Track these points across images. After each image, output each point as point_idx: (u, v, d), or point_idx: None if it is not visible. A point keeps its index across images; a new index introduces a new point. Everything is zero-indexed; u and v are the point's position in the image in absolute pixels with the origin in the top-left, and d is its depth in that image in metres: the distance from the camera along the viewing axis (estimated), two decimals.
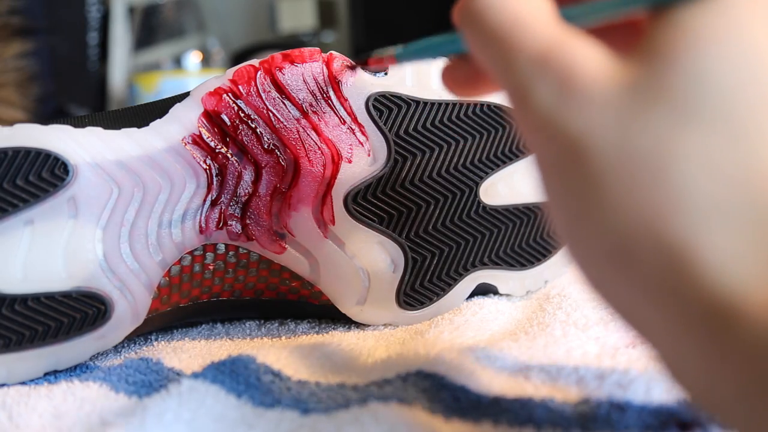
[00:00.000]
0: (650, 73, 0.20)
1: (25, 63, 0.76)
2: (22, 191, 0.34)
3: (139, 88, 0.79)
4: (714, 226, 0.19)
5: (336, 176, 0.38)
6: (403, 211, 0.39)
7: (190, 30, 0.84)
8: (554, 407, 0.27)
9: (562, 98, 0.21)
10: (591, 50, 0.21)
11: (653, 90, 0.20)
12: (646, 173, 0.19)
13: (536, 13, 0.22)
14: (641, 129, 0.20)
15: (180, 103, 0.37)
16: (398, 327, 0.40)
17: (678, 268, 0.19)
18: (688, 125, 0.19)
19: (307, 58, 0.38)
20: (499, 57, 0.22)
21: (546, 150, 0.21)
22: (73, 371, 0.36)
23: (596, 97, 0.20)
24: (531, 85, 0.21)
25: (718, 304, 0.18)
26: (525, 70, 0.22)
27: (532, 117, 0.21)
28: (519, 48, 0.22)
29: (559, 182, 0.21)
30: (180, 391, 0.30)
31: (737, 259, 0.18)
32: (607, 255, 0.20)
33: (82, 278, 0.35)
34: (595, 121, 0.20)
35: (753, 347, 0.18)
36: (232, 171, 0.37)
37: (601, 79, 0.20)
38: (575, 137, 0.20)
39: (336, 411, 0.29)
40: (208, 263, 0.38)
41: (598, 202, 0.20)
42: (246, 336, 0.39)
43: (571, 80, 0.21)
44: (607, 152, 0.20)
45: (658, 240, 0.19)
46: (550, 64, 0.21)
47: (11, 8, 0.75)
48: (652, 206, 0.19)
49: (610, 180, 0.20)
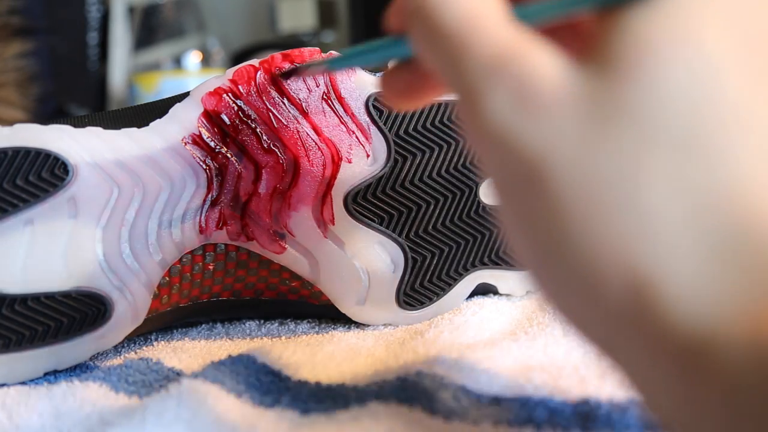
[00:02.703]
0: (608, 86, 0.19)
1: (25, 63, 0.76)
2: (22, 191, 0.34)
3: (139, 88, 0.79)
4: (679, 256, 0.17)
5: (336, 176, 0.38)
6: (403, 211, 0.39)
7: (190, 30, 0.84)
8: (554, 407, 0.27)
9: (519, 109, 0.19)
10: (548, 56, 0.20)
11: (612, 104, 0.18)
12: (609, 198, 0.18)
13: (490, 13, 0.20)
14: (602, 147, 0.18)
15: (180, 103, 0.37)
16: (398, 327, 0.40)
17: (645, 301, 0.18)
18: (651, 147, 0.18)
19: (307, 58, 0.38)
20: (450, 59, 0.21)
21: (501, 167, 0.20)
22: (73, 371, 0.36)
23: (555, 109, 0.19)
24: (485, 92, 0.20)
25: (689, 340, 0.17)
26: (478, 75, 0.20)
27: (486, 128, 0.20)
28: (472, 50, 0.20)
29: (516, 204, 0.20)
30: (180, 391, 0.30)
31: (705, 291, 0.17)
32: (571, 286, 0.19)
33: (82, 278, 0.35)
34: (555, 136, 0.19)
35: (730, 385, 0.17)
36: (232, 171, 0.37)
37: (560, 89, 0.19)
38: (533, 153, 0.19)
39: (336, 411, 0.29)
40: (208, 263, 0.38)
41: (558, 227, 0.19)
42: (246, 336, 0.39)
43: (529, 89, 0.19)
44: (567, 173, 0.18)
45: (624, 272, 0.18)
46: (506, 70, 0.19)
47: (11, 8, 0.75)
48: (615, 234, 0.18)
49: (571, 205, 0.18)
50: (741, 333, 0.17)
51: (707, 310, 0.17)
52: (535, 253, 0.20)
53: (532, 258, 0.20)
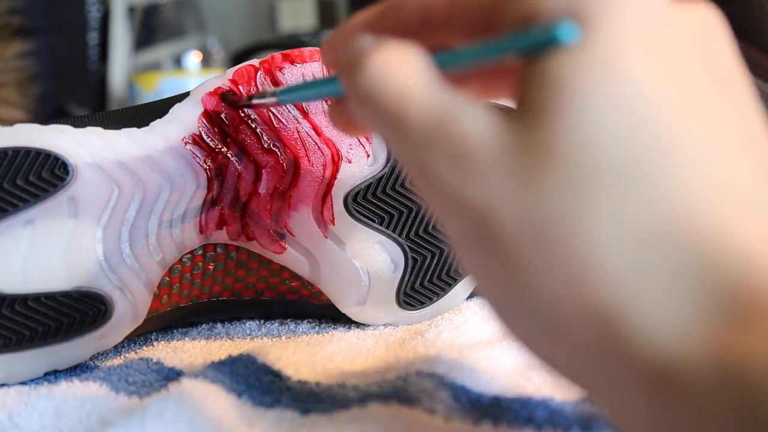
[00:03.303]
0: (537, 135, 0.19)
1: (25, 63, 0.76)
2: (22, 191, 0.34)
3: (139, 88, 0.79)
4: (635, 286, 0.18)
5: (336, 176, 0.38)
6: (403, 211, 0.39)
7: (190, 30, 0.84)
8: (554, 407, 0.27)
9: (458, 169, 0.20)
10: (479, 116, 0.20)
11: (543, 152, 0.19)
12: (555, 241, 0.18)
13: (421, 83, 0.21)
14: (540, 195, 0.19)
15: (180, 103, 0.37)
16: (398, 327, 0.40)
17: (608, 335, 0.18)
18: (586, 187, 0.18)
19: (307, 58, 0.38)
20: (392, 132, 0.21)
21: (453, 224, 0.21)
22: (73, 371, 0.36)
23: (490, 164, 0.19)
24: (426, 158, 0.20)
25: (655, 367, 0.17)
26: (418, 143, 0.21)
27: (433, 190, 0.21)
28: (410, 123, 0.21)
29: (473, 258, 0.21)
30: (180, 391, 0.30)
31: (664, 317, 0.17)
32: (535, 327, 0.19)
33: (82, 278, 0.35)
34: (494, 190, 0.19)
35: (698, 407, 0.17)
36: (232, 171, 0.37)
37: (492, 145, 0.20)
38: (477, 209, 0.20)
39: (336, 411, 0.29)
40: (208, 263, 0.38)
41: (514, 276, 0.19)
42: (246, 336, 0.39)
43: (464, 149, 0.20)
44: (512, 224, 0.19)
45: (583, 310, 0.18)
46: (442, 136, 0.20)
47: (11, 8, 0.75)
48: (568, 276, 0.18)
49: (520, 252, 0.19)
50: (706, 356, 0.17)
51: (671, 337, 0.17)
52: (497, 300, 0.21)
53: (495, 304, 0.21)
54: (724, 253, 0.18)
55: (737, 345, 0.17)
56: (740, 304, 0.17)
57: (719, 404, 0.16)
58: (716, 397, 0.16)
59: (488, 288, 0.21)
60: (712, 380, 0.17)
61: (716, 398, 0.17)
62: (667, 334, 0.17)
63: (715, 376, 0.17)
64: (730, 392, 0.16)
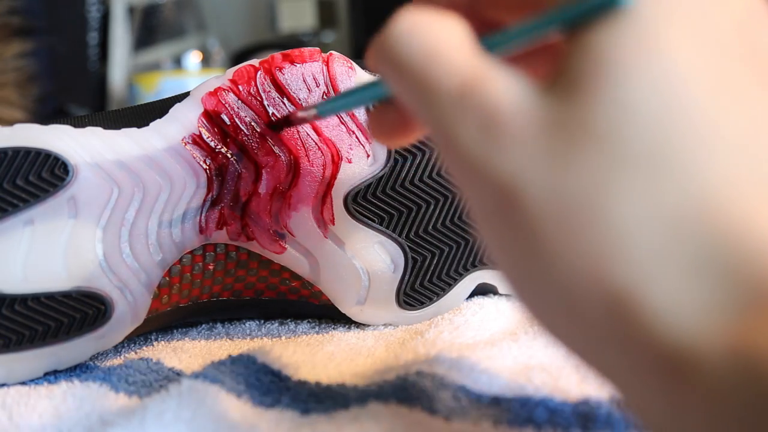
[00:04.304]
0: (572, 108, 0.19)
1: (25, 63, 0.76)
2: (22, 191, 0.34)
3: (139, 88, 0.79)
4: (655, 271, 0.18)
5: (336, 176, 0.38)
6: (403, 211, 0.39)
7: (190, 30, 0.84)
8: (554, 407, 0.27)
9: (487, 138, 0.19)
10: (512, 83, 0.20)
11: (577, 127, 0.19)
12: (581, 219, 0.18)
13: (453, 43, 0.20)
14: (571, 171, 0.18)
15: (180, 103, 0.37)
16: (398, 327, 0.40)
17: (626, 316, 0.18)
18: (618, 165, 0.18)
19: (307, 58, 0.38)
20: (418, 94, 0.21)
21: (477, 195, 0.20)
22: (73, 371, 0.36)
23: (521, 135, 0.19)
24: (453, 124, 0.20)
25: (670, 352, 0.17)
26: (446, 107, 0.20)
27: (459, 159, 0.20)
28: (437, 83, 0.20)
29: (495, 230, 0.20)
30: (180, 391, 0.30)
31: (684, 304, 0.17)
32: (553, 304, 0.19)
33: (82, 278, 0.35)
34: (523, 162, 0.19)
35: (713, 395, 0.17)
36: (232, 171, 0.37)
37: (524, 115, 0.19)
38: (504, 180, 0.19)
39: (336, 411, 0.29)
40: (208, 263, 0.38)
41: (536, 251, 0.19)
42: (246, 336, 0.39)
43: (494, 118, 0.19)
44: (539, 197, 0.19)
45: (602, 289, 0.18)
46: (471, 101, 0.20)
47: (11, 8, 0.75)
48: (591, 254, 0.18)
49: (545, 227, 0.19)
50: (722, 344, 0.17)
51: (688, 323, 0.17)
52: (517, 274, 0.20)
53: (514, 278, 0.20)
54: (749, 243, 0.17)
55: (754, 335, 0.17)
56: (760, 295, 0.17)
57: (733, 393, 0.16)
58: (730, 386, 0.16)
59: (508, 261, 0.20)
60: (727, 369, 0.17)
61: (730, 387, 0.17)
62: (684, 319, 0.17)
63: (730, 365, 0.17)
64: (744, 382, 0.16)
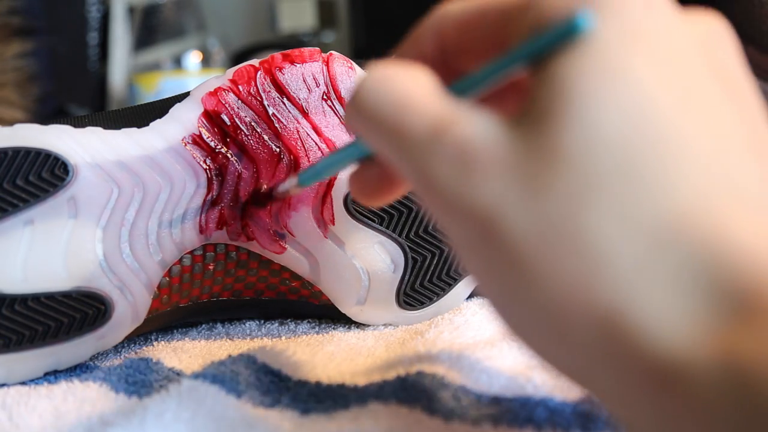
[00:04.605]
0: (542, 137, 0.19)
1: (25, 63, 0.76)
2: (22, 191, 0.34)
3: (139, 88, 0.79)
4: (639, 286, 0.18)
5: (336, 176, 0.38)
6: (403, 211, 0.39)
7: (190, 30, 0.84)
8: (554, 407, 0.27)
9: (461, 174, 0.20)
10: (482, 120, 0.20)
11: (549, 154, 0.19)
12: (560, 243, 0.19)
13: (421, 91, 0.21)
14: (547, 197, 0.19)
15: (180, 103, 0.37)
16: (398, 327, 0.40)
17: (612, 334, 0.18)
18: (592, 187, 0.18)
19: (307, 58, 0.38)
20: (392, 142, 0.21)
21: (458, 230, 0.21)
22: (73, 371, 0.36)
23: (495, 168, 0.19)
24: (428, 164, 0.20)
25: (660, 365, 0.17)
26: (419, 150, 0.21)
27: (437, 197, 0.21)
28: (408, 129, 0.21)
29: (478, 262, 0.21)
30: (180, 391, 0.30)
31: (669, 317, 0.17)
32: (540, 327, 0.20)
33: (82, 278, 0.35)
34: (499, 193, 0.19)
35: (703, 407, 0.17)
36: (232, 171, 0.37)
37: (496, 148, 0.20)
38: (483, 213, 0.20)
39: (336, 411, 0.29)
40: (208, 263, 0.38)
41: (518, 277, 0.19)
42: (246, 336, 0.39)
43: (467, 153, 0.20)
44: (517, 226, 0.19)
45: (587, 309, 0.18)
46: (444, 140, 0.20)
47: (11, 8, 0.75)
48: (574, 276, 0.18)
49: (526, 254, 0.19)
50: (709, 354, 0.17)
51: (675, 335, 0.17)
52: (503, 302, 0.21)
53: (500, 306, 0.21)
54: (728, 253, 0.18)
55: (741, 345, 0.17)
56: (744, 304, 0.17)
57: (723, 403, 0.17)
58: (720, 397, 0.17)
59: (493, 290, 0.21)
60: (716, 379, 0.17)
61: (720, 397, 0.17)
62: (671, 333, 0.17)
63: (719, 376, 0.17)
64: (734, 391, 0.16)
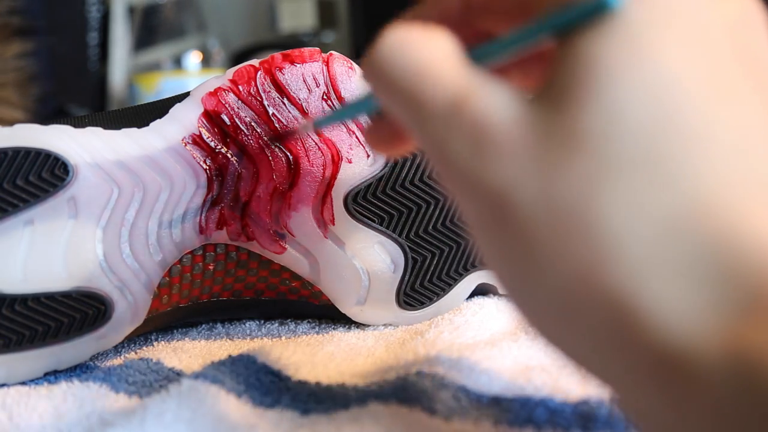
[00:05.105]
0: (562, 116, 0.19)
1: (25, 63, 0.76)
2: (22, 191, 0.34)
3: (139, 88, 0.79)
4: (651, 274, 0.18)
5: (336, 176, 0.38)
6: (403, 211, 0.39)
7: (190, 30, 0.84)
8: (554, 407, 0.27)
9: (478, 152, 0.19)
10: (501, 95, 0.20)
11: (567, 134, 0.19)
12: (574, 226, 0.18)
13: (442, 60, 0.21)
14: (562, 179, 0.18)
15: (180, 103, 0.37)
16: (398, 327, 0.40)
17: (622, 320, 0.18)
18: (610, 171, 0.18)
19: (307, 58, 0.38)
20: (409, 111, 0.21)
21: (471, 206, 0.20)
22: (73, 371, 0.36)
23: (511, 147, 0.19)
24: (445, 139, 0.20)
25: (668, 355, 0.17)
26: (437, 124, 0.20)
27: (452, 172, 0.20)
28: (428, 100, 0.20)
29: (490, 240, 0.20)
30: (180, 391, 0.30)
31: (679, 307, 0.17)
32: (549, 310, 0.19)
33: (82, 278, 0.35)
34: (514, 173, 0.19)
35: (711, 398, 0.17)
36: (232, 171, 0.37)
37: (514, 126, 0.19)
38: (497, 192, 0.19)
39: (336, 411, 0.29)
40: (208, 263, 0.38)
41: (530, 259, 0.19)
42: (246, 336, 0.39)
43: (484, 132, 0.19)
44: (531, 206, 0.19)
45: (598, 294, 0.18)
46: (462, 116, 0.20)
47: (11, 8, 0.75)
48: (586, 260, 0.18)
49: (538, 235, 0.19)
50: (719, 346, 0.17)
51: (685, 325, 0.17)
52: (513, 282, 0.20)
53: (511, 286, 0.21)
54: (743, 245, 0.17)
55: (751, 337, 0.17)
56: (756, 296, 0.17)
57: (730, 395, 0.16)
58: (727, 388, 0.17)
59: (503, 270, 0.20)
60: (724, 371, 0.17)
61: (727, 389, 0.17)
62: (681, 322, 0.17)
63: (727, 367, 0.17)
64: (741, 384, 0.16)
